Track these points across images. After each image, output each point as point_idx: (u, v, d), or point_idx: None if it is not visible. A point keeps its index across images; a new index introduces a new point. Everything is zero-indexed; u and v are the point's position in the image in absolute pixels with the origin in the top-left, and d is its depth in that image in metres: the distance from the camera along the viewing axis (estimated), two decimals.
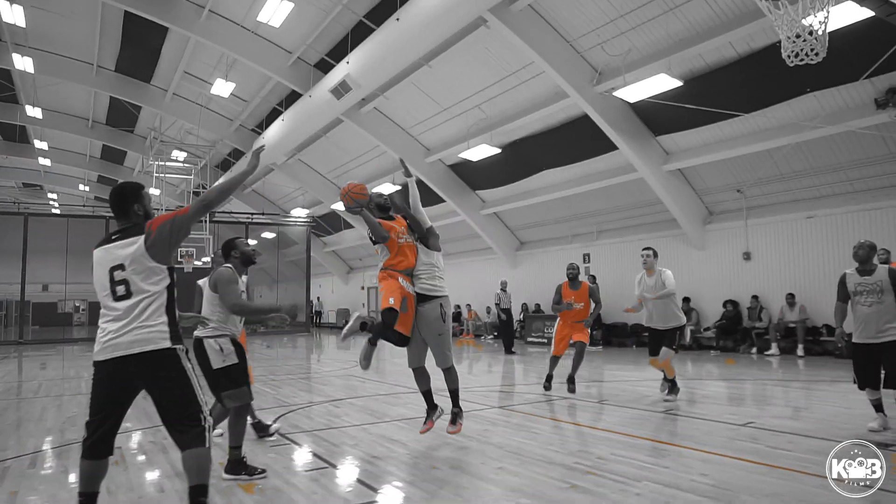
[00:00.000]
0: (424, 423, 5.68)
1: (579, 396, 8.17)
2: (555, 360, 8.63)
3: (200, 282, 5.42)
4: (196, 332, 4.76)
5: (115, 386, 3.24)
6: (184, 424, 3.19)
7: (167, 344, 3.19)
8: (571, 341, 8.47)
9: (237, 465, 4.59)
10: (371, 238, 5.57)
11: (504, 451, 5.33)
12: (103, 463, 3.28)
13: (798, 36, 4.41)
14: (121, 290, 3.22)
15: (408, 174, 5.98)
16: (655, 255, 7.84)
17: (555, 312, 8.78)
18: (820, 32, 4.04)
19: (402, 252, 5.52)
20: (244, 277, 5.11)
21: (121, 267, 3.23)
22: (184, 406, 3.21)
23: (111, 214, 3.60)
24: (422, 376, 5.70)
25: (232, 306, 4.56)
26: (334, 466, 4.99)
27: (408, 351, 5.65)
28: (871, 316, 5.71)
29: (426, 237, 5.71)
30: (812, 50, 4.15)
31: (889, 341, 5.62)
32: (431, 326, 5.48)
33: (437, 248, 5.75)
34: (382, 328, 5.21)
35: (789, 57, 4.49)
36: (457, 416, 5.63)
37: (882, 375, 5.72)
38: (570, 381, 8.36)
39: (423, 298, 5.51)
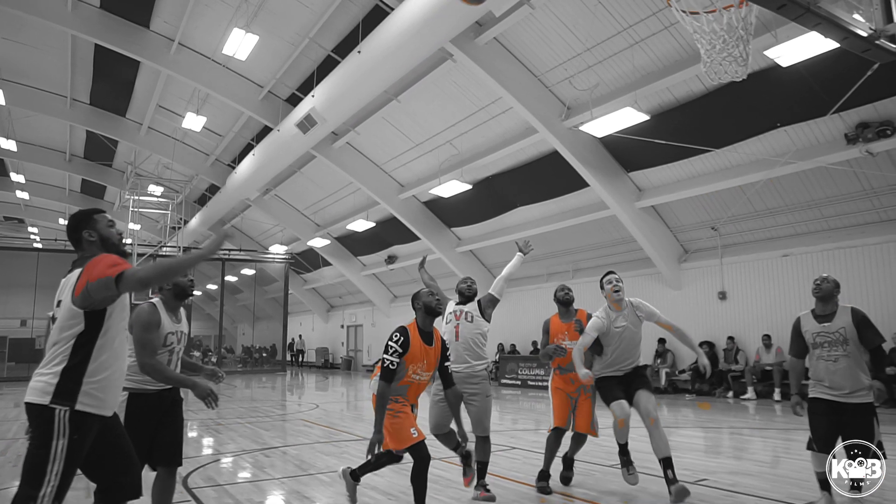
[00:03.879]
0: (465, 474, 5.02)
1: (532, 447, 7.59)
2: (556, 438, 5.54)
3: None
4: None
5: None
6: (23, 492, 2.64)
7: (46, 400, 2.69)
8: (573, 430, 5.60)
9: None
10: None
11: None
12: None
13: (735, 66, 4.02)
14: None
15: (522, 251, 5.68)
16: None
17: (544, 362, 6.01)
18: (740, 49, 3.66)
19: (409, 389, 4.45)
20: (180, 314, 4.16)
21: (59, 304, 2.83)
22: (26, 476, 2.66)
23: None
24: (450, 437, 5.09)
25: (142, 365, 3.65)
26: None
27: (432, 417, 5.13)
28: (839, 373, 4.40)
29: (487, 306, 5.34)
30: (735, 60, 3.73)
31: (858, 403, 4.35)
32: (476, 387, 5.13)
33: (489, 318, 5.35)
34: (421, 475, 4.29)
35: (708, 73, 4.11)
36: (484, 486, 5.09)
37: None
38: (568, 465, 5.71)
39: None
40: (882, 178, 11.04)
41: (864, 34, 3.46)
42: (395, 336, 4.30)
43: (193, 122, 18.34)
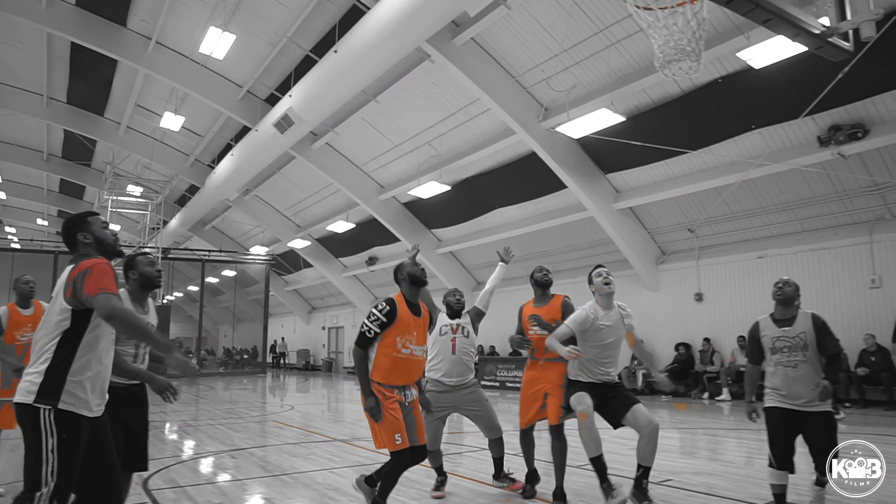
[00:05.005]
0: (437, 489, 5.27)
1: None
2: (524, 436, 5.22)
3: None
4: None
5: None
6: (22, 493, 2.68)
7: (30, 399, 2.70)
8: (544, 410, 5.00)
9: None
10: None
11: None
12: None
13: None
14: None
15: (504, 260, 5.64)
16: None
17: (516, 349, 5.61)
18: (692, 45, 3.64)
19: (400, 367, 4.13)
20: (148, 305, 4.02)
21: (51, 299, 2.87)
22: (25, 479, 2.69)
23: (59, 249, 3.13)
24: (437, 455, 5.28)
25: None
26: None
27: (426, 433, 4.99)
28: (798, 380, 4.24)
29: (474, 319, 5.43)
30: (688, 56, 3.70)
31: (817, 412, 4.21)
32: (472, 396, 5.23)
33: (476, 332, 5.41)
34: (393, 476, 4.10)
35: (662, 68, 4.09)
36: (508, 476, 5.39)
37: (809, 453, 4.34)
38: (559, 497, 4.89)
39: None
40: (853, 180, 11.13)
41: (816, 31, 3.46)
42: (381, 305, 4.09)
43: (171, 121, 18.20)
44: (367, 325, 4.07)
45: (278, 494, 5.38)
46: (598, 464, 4.55)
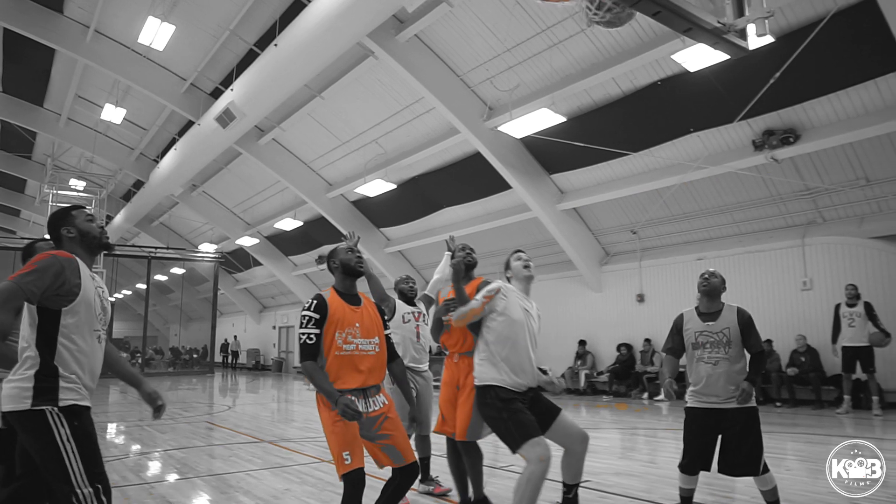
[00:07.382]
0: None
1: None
2: (452, 449, 4.70)
3: None
4: None
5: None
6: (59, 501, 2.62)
7: (27, 405, 2.55)
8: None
9: None
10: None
11: None
12: None
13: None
14: None
15: (451, 250, 5.10)
16: None
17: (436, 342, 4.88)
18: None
19: (347, 366, 3.48)
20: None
21: None
22: (53, 480, 2.58)
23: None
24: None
25: None
26: None
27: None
28: (717, 377, 4.14)
29: (427, 307, 5.49)
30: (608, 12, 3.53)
31: (739, 409, 4.10)
32: (426, 385, 5.29)
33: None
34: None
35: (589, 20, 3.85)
36: (435, 480, 5.40)
37: (718, 455, 4.23)
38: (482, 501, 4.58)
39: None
40: (787, 184, 11.36)
41: (709, 27, 3.42)
42: (307, 303, 3.51)
43: (112, 113, 17.71)
44: (304, 334, 3.44)
45: (183, 498, 5.19)
46: None
